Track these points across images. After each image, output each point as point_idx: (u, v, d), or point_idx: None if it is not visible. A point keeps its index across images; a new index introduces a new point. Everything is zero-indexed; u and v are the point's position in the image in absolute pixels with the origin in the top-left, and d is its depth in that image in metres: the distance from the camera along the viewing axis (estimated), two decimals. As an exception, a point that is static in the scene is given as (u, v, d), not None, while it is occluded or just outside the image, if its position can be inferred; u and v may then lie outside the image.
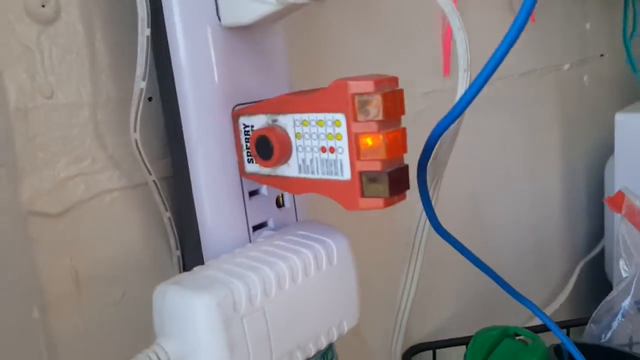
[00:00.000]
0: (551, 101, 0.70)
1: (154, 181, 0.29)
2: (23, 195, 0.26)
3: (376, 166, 0.25)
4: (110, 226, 0.29)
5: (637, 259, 0.48)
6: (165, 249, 0.31)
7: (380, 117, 0.24)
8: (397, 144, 0.25)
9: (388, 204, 0.25)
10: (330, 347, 0.30)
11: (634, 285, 0.49)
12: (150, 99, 0.29)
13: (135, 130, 0.27)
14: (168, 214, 0.30)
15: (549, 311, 0.68)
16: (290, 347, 0.26)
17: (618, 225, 0.50)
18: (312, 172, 0.27)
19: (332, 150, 0.26)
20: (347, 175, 0.25)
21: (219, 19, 0.27)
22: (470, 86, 0.26)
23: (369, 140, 0.25)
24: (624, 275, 0.50)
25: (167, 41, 0.27)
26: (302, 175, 0.27)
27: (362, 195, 0.25)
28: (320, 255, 0.28)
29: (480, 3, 0.54)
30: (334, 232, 0.29)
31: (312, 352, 0.27)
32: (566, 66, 0.71)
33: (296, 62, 0.32)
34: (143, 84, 0.27)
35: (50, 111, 0.26)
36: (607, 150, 0.79)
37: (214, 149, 0.28)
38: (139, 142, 0.27)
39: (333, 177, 0.26)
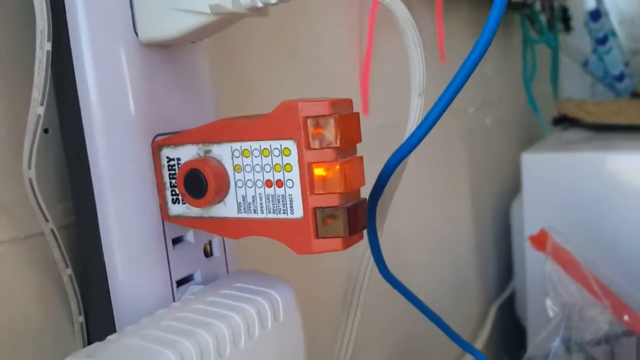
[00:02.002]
0: (459, 144, 0.70)
1: (51, 230, 0.23)
2: None
3: (333, 201, 0.21)
4: (-3, 288, 0.23)
5: (564, 298, 0.47)
6: (64, 314, 0.25)
7: (336, 144, 0.21)
8: (355, 174, 0.22)
9: (346, 244, 0.22)
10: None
11: (562, 325, 0.48)
12: (46, 130, 0.24)
13: (29, 168, 0.22)
14: (69, 271, 0.24)
15: (470, 356, 0.66)
16: None
17: (542, 263, 0.49)
18: (255, 211, 0.22)
19: (279, 183, 0.22)
20: (298, 212, 0.22)
21: (136, 33, 0.23)
22: (431, 111, 0.23)
23: (323, 171, 0.21)
24: (551, 314, 0.49)
25: (70, 59, 0.22)
26: (242, 215, 0.23)
27: (317, 236, 0.22)
28: (264, 310, 0.23)
29: (389, 40, 0.53)
30: (277, 282, 0.25)
31: None
32: (471, 109, 0.72)
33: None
34: (41, 110, 0.21)
35: None
36: (511, 191, 0.81)
37: (129, 189, 0.23)
38: (33, 182, 0.22)
39: (281, 215, 0.22)
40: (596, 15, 0.96)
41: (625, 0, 1.23)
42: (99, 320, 0.25)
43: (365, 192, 0.24)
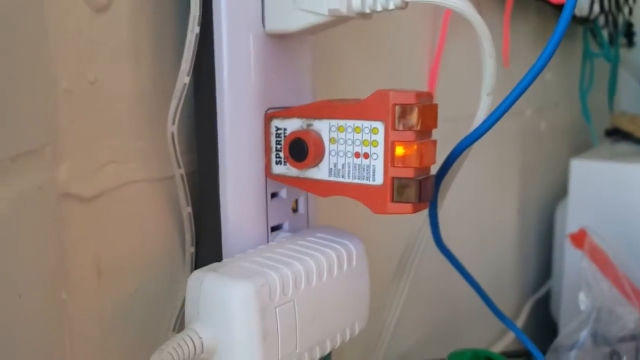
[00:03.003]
0: (512, 143, 0.74)
1: (181, 175, 0.29)
2: (60, 177, 0.26)
3: (408, 173, 0.27)
4: (134, 216, 0.29)
5: (596, 294, 0.51)
6: (179, 245, 0.32)
7: (417, 128, 0.26)
8: (429, 154, 0.27)
9: (415, 209, 0.27)
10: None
11: (592, 318, 0.52)
12: (181, 95, 0.30)
13: (173, 124, 0.28)
14: (189, 209, 0.30)
15: (500, 345, 0.71)
16: (312, 342, 0.27)
17: (578, 261, 0.54)
18: (343, 176, 0.28)
19: (366, 156, 0.27)
20: (379, 180, 0.27)
21: (264, 25, 0.29)
22: (497, 109, 0.28)
23: (403, 149, 0.27)
24: (582, 307, 0.54)
25: (212, 41, 0.28)
26: (332, 178, 0.28)
27: (392, 199, 0.27)
28: (342, 256, 0.29)
29: (459, 43, 0.58)
30: (351, 236, 0.30)
31: (328, 350, 0.28)
32: (528, 112, 0.76)
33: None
34: (187, 79, 0.27)
35: (92, 96, 0.27)
36: (558, 194, 0.84)
37: (245, 148, 0.29)
38: (175, 135, 0.28)
39: (364, 181, 0.27)
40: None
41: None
42: (208, 251, 0.31)
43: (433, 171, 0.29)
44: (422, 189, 0.27)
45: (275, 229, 0.32)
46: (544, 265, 0.86)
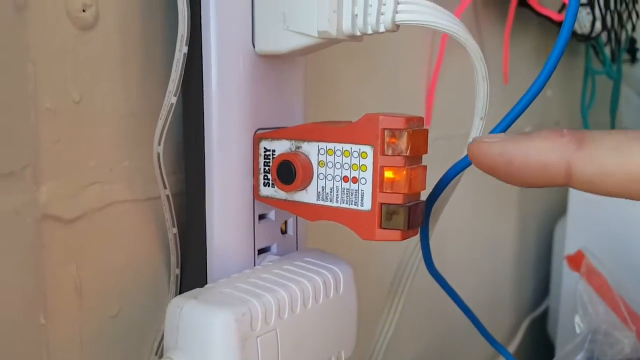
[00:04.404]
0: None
1: (167, 195, 0.29)
2: (41, 198, 0.25)
3: (397, 199, 0.26)
4: (117, 238, 0.29)
5: (592, 317, 0.51)
6: (164, 266, 0.31)
7: (407, 153, 0.26)
8: (418, 180, 0.26)
9: (404, 236, 0.26)
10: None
11: (587, 342, 0.51)
12: (169, 114, 0.30)
13: (159, 144, 0.27)
14: (175, 230, 0.30)
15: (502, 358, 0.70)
16: (296, 371, 0.26)
17: (575, 283, 0.53)
18: (331, 200, 0.27)
19: (354, 180, 0.27)
20: (367, 205, 0.26)
21: (254, 45, 0.28)
22: (493, 131, 0.27)
23: (392, 174, 0.26)
24: (578, 331, 0.53)
25: (200, 61, 0.27)
26: (320, 202, 0.28)
27: (380, 226, 0.26)
28: (328, 282, 0.28)
29: (458, 60, 0.57)
30: (340, 261, 0.30)
31: (312, 379, 0.28)
32: (527, 129, 0.75)
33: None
34: (174, 100, 0.27)
35: (77, 116, 0.26)
36: (557, 212, 0.83)
37: (233, 169, 0.29)
38: (160, 156, 0.28)
39: (352, 206, 0.27)
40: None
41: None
42: (192, 273, 0.30)
43: (423, 196, 0.28)
44: (411, 216, 0.26)
45: (263, 251, 0.31)
46: (542, 283, 0.85)
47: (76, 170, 0.26)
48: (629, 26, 1.00)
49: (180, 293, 0.31)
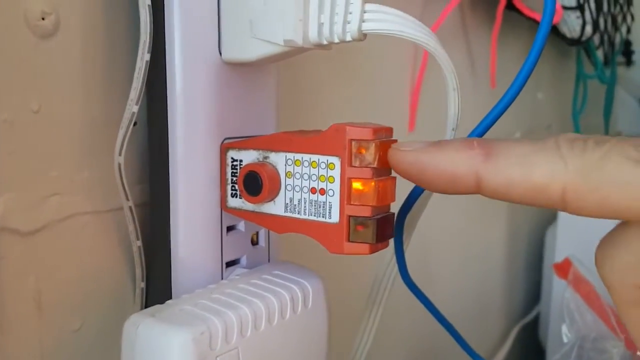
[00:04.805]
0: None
1: (130, 207, 0.28)
2: (-3, 210, 0.24)
3: (365, 211, 0.25)
4: (79, 250, 0.28)
5: (579, 326, 0.50)
6: (129, 279, 0.30)
7: (374, 165, 0.25)
8: (387, 192, 0.26)
9: (373, 250, 0.26)
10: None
11: (574, 352, 0.50)
12: (135, 123, 0.29)
13: (120, 154, 0.27)
14: (139, 243, 0.29)
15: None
16: (260, 390, 0.26)
17: (562, 291, 0.52)
18: (299, 212, 0.26)
19: (322, 192, 0.26)
20: (335, 218, 0.26)
21: (220, 53, 0.27)
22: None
23: (360, 186, 0.25)
24: (565, 340, 0.52)
25: (164, 68, 0.27)
26: (288, 214, 0.27)
27: (348, 239, 0.26)
28: (296, 297, 0.27)
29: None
30: (310, 274, 0.29)
31: (279, 397, 0.27)
32: (517, 134, 0.75)
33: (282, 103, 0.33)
34: (135, 108, 0.26)
35: (35, 126, 0.25)
36: (548, 218, 0.83)
37: (199, 180, 0.28)
38: (122, 166, 0.27)
39: (320, 219, 0.26)
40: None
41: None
42: (157, 287, 0.29)
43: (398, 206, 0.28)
44: (380, 229, 0.25)
45: (232, 263, 0.30)
46: (533, 290, 0.84)
47: (35, 182, 0.26)
48: (623, 29, 0.99)
49: (146, 306, 0.30)
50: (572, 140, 0.20)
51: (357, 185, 0.25)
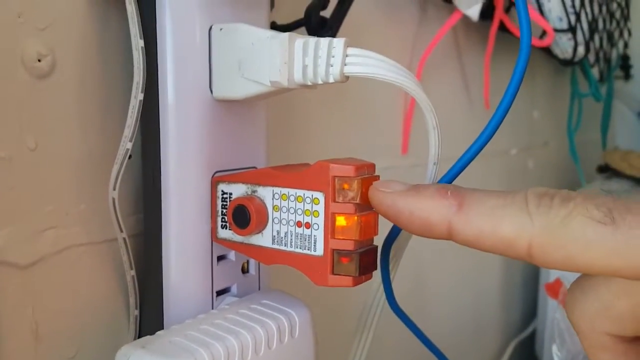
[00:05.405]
0: (497, 183, 0.74)
1: (124, 238, 0.29)
2: (-5, 244, 0.25)
3: (348, 245, 0.26)
4: (75, 280, 0.29)
5: (569, 345, 0.51)
6: (123, 308, 0.31)
7: (357, 200, 0.26)
8: (370, 226, 0.27)
9: (356, 282, 0.27)
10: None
11: (565, 370, 0.51)
12: (130, 156, 0.30)
13: (114, 189, 0.28)
14: (132, 272, 0.30)
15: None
16: (248, 417, 0.26)
17: (554, 311, 0.53)
18: (285, 245, 0.27)
19: (307, 225, 0.27)
20: (319, 251, 0.27)
21: (211, 91, 0.28)
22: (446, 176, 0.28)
23: (344, 221, 0.26)
24: (555, 359, 0.53)
25: (157, 106, 0.28)
26: (275, 246, 0.28)
27: (332, 272, 0.26)
28: (283, 327, 0.28)
29: (438, 85, 0.57)
30: (297, 304, 0.30)
31: None
32: (513, 151, 0.76)
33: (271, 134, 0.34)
34: (129, 145, 0.27)
35: (32, 163, 0.26)
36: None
37: (191, 212, 0.29)
38: (116, 201, 0.28)
39: (305, 251, 0.27)
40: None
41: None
42: (150, 315, 0.30)
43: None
44: (363, 262, 0.26)
45: (223, 291, 0.31)
46: (529, 306, 0.85)
47: (32, 216, 0.27)
48: (620, 44, 1.00)
49: (140, 334, 0.31)
50: (540, 195, 0.20)
51: (340, 219, 0.26)
